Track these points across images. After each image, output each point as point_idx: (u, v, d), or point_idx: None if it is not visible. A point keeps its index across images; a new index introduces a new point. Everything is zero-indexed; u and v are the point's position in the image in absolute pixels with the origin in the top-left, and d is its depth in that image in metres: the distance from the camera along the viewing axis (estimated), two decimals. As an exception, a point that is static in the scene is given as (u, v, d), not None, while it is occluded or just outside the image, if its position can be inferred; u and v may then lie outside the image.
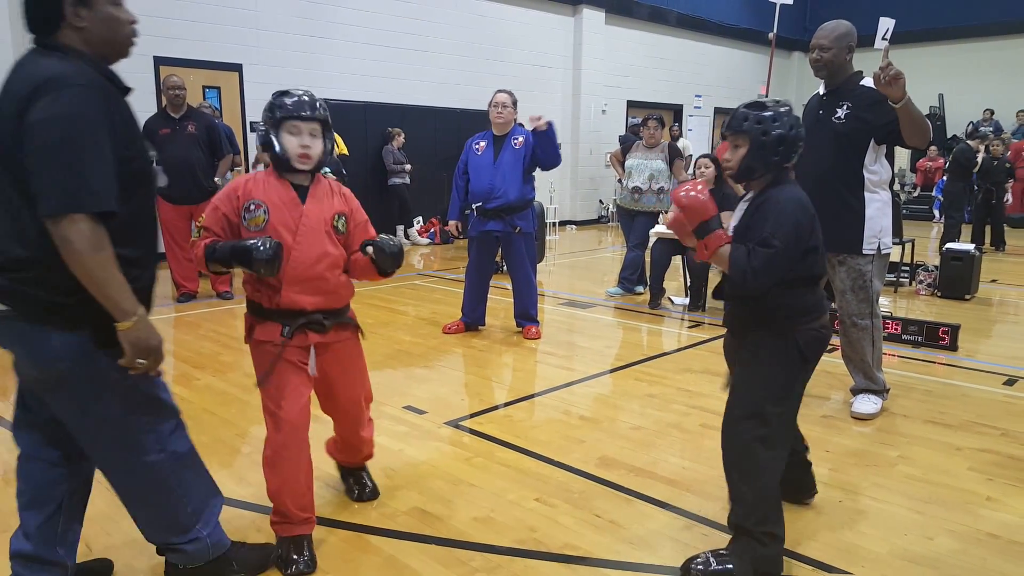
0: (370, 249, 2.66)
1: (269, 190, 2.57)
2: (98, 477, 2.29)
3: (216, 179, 6.90)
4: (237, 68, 9.79)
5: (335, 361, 2.74)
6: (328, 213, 2.63)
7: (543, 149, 5.27)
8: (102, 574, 2.56)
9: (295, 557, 2.54)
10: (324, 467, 3.34)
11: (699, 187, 2.41)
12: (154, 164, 2.17)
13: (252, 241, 2.42)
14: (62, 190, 1.83)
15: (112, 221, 1.91)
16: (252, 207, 2.54)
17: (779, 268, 2.35)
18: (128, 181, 1.98)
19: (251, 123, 9.66)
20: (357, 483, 3.11)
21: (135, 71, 8.83)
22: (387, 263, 2.66)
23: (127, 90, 2.13)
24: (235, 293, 7.10)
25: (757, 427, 2.42)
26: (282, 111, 2.54)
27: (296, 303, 2.55)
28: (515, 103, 5.45)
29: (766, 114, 2.42)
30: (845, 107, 3.79)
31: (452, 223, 5.71)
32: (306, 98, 2.58)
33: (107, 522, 2.84)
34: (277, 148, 2.54)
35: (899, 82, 3.40)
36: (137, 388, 2.10)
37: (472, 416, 4.01)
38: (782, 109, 2.45)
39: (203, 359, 5.02)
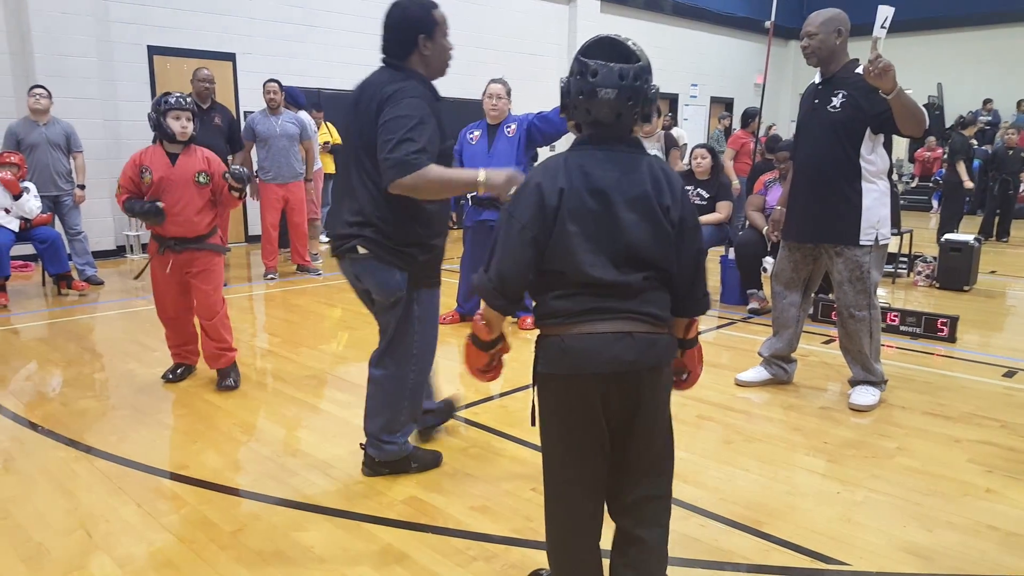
0: (227, 175, 4.02)
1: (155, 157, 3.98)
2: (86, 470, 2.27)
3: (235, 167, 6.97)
4: (231, 57, 9.72)
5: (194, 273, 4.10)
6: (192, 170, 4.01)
7: (541, 119, 5.26)
8: (434, 463, 3.24)
9: (169, 374, 4.33)
10: (321, 455, 3.34)
11: None
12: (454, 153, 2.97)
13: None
14: (396, 162, 2.63)
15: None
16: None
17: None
18: (440, 163, 2.70)
19: (244, 112, 9.61)
20: (223, 379, 4.21)
21: (129, 60, 8.81)
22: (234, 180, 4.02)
23: (439, 99, 2.84)
24: (229, 281, 7.06)
25: None
26: (166, 105, 3.93)
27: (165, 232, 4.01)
28: (509, 92, 5.43)
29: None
30: (840, 96, 3.78)
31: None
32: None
33: (106, 510, 2.83)
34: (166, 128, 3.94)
35: (889, 74, 3.36)
36: (421, 318, 2.96)
37: (468, 406, 3.99)
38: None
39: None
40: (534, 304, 1.97)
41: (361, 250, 2.85)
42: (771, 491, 3.06)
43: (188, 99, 4.00)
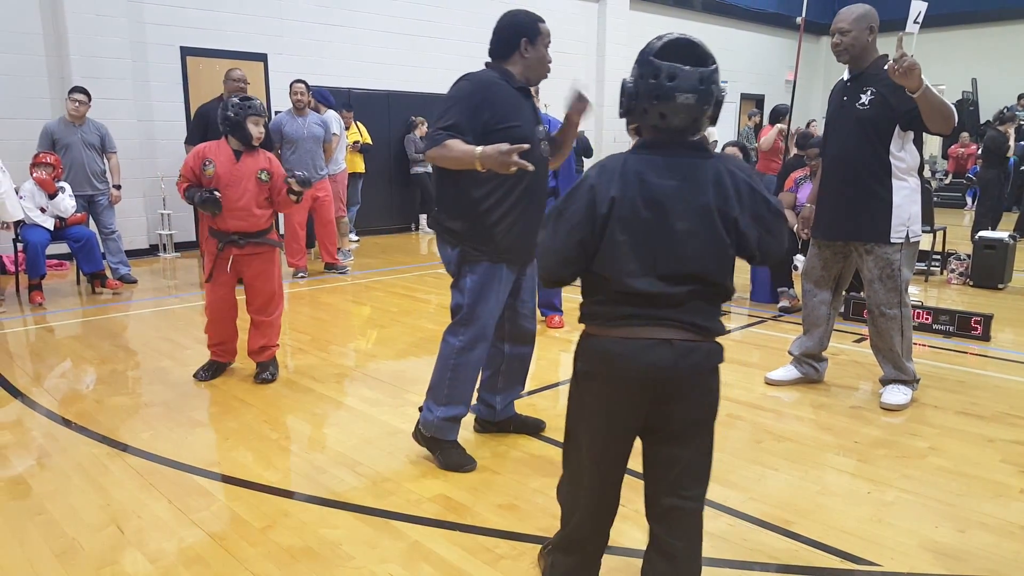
0: (289, 179, 4.15)
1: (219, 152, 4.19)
2: (116, 478, 2.30)
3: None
4: (262, 58, 9.83)
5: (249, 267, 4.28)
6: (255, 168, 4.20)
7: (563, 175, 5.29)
8: (534, 428, 3.59)
9: (202, 372, 4.40)
10: (350, 452, 3.36)
11: None
12: (539, 139, 3.16)
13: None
14: (431, 135, 2.96)
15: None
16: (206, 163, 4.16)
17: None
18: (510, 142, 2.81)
19: (275, 112, 9.70)
20: (263, 371, 4.35)
21: (162, 61, 8.94)
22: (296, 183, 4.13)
23: (526, 92, 3.17)
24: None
25: None
26: (251, 109, 4.11)
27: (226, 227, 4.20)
28: (538, 91, 5.42)
29: None
30: (869, 92, 3.73)
31: None
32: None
33: (138, 506, 2.88)
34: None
35: (914, 72, 3.29)
36: (473, 290, 3.08)
37: (496, 404, 4.00)
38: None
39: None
40: (580, 302, 1.98)
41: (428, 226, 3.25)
42: (801, 491, 3.03)
43: (264, 107, 4.24)
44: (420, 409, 3.29)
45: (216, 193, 4.09)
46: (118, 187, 7.31)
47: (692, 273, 1.81)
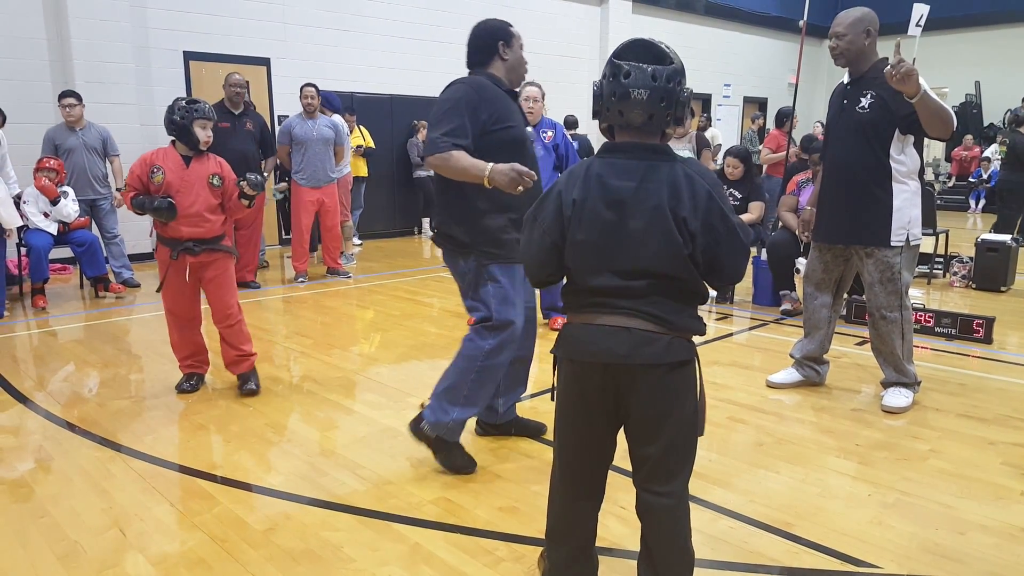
0: (242, 182, 4.09)
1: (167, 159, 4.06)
2: (129, 475, 2.31)
3: (264, 174, 7.02)
4: (265, 62, 9.86)
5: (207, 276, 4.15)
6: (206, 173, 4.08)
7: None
8: (536, 431, 3.59)
9: (185, 384, 4.29)
10: (351, 456, 3.37)
11: None
12: (527, 136, 3.17)
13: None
14: (428, 143, 2.99)
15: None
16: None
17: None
18: (505, 145, 3.00)
19: (279, 116, 9.73)
20: (244, 383, 4.25)
21: (165, 66, 8.97)
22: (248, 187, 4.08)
23: (514, 94, 3.24)
24: (264, 284, 7.16)
25: None
26: (196, 113, 4.01)
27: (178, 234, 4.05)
28: (543, 95, 5.45)
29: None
30: (869, 96, 3.74)
31: None
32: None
33: (140, 509, 2.89)
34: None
35: (911, 78, 3.29)
36: (495, 294, 3.09)
37: (498, 407, 4.01)
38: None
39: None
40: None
41: (431, 233, 3.28)
42: (801, 493, 3.03)
43: (212, 109, 4.14)
44: (422, 406, 3.28)
45: (171, 199, 3.95)
46: (120, 191, 7.33)
47: (646, 269, 1.88)
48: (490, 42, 3.17)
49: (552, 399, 2.11)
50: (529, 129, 3.38)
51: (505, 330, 3.09)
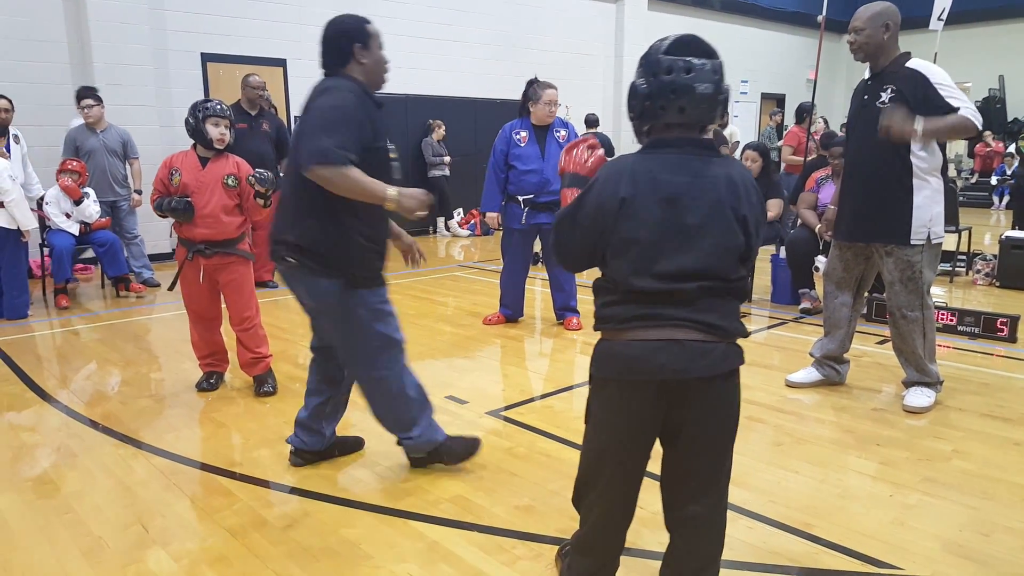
0: (251, 178, 4.04)
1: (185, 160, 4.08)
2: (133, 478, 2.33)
3: (281, 174, 7.06)
4: (281, 63, 9.90)
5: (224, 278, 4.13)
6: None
7: None
8: (355, 447, 3.44)
9: (204, 383, 4.32)
10: (369, 453, 3.38)
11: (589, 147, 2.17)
12: (392, 157, 2.94)
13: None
14: (316, 150, 2.66)
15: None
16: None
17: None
18: (375, 166, 2.76)
19: (295, 117, 9.76)
20: (261, 384, 4.24)
21: (184, 68, 9.02)
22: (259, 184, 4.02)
23: (380, 105, 2.93)
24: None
25: None
26: (205, 111, 4.00)
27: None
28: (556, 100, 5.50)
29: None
30: (889, 91, 3.70)
31: (493, 215, 5.66)
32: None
33: (162, 506, 2.91)
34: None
35: (895, 131, 3.52)
36: (372, 323, 2.90)
37: (513, 406, 4.01)
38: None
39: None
40: (593, 309, 1.98)
41: (290, 260, 2.85)
42: (821, 493, 3.01)
43: (227, 107, 4.13)
44: (399, 443, 3.20)
45: (188, 199, 3.97)
46: (139, 192, 7.39)
47: (702, 268, 1.81)
48: (344, 45, 2.93)
49: (586, 420, 2.05)
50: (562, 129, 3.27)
51: (392, 347, 2.97)
